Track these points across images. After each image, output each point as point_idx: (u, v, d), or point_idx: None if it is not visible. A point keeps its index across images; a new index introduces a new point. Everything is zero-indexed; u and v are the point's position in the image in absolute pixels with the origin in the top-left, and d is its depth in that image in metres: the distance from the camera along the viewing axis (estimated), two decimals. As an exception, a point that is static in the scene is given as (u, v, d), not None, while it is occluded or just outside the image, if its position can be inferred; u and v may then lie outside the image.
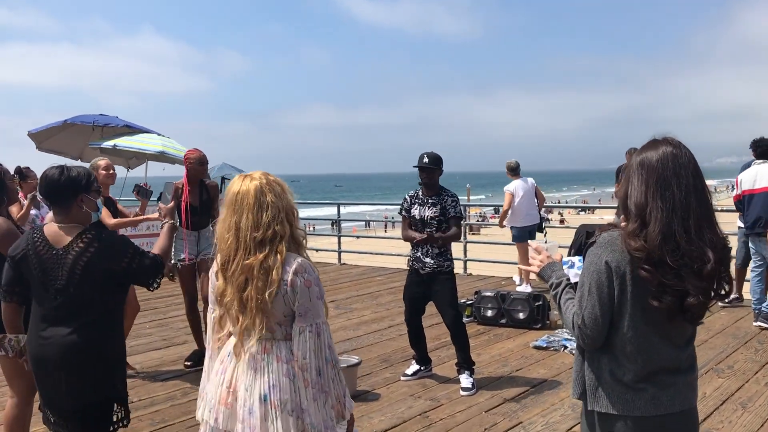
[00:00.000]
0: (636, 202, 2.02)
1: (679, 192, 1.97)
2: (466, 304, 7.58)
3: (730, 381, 5.36)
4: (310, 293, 2.36)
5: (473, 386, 5.24)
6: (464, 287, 9.48)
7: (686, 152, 2.04)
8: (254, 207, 2.36)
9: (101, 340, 2.74)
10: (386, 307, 8.42)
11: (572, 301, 2.14)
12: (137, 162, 12.86)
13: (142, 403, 5.09)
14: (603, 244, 2.06)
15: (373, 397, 5.15)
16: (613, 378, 2.09)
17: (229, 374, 2.44)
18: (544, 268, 2.32)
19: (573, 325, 2.10)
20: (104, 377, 2.77)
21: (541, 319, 7.18)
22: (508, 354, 6.29)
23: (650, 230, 1.95)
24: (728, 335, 6.70)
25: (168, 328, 7.30)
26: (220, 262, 2.42)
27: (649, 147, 2.08)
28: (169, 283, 8.85)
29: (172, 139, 12.10)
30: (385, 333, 7.12)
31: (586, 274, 2.07)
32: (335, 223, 14.44)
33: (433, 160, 5.35)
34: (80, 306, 2.71)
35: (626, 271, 2.01)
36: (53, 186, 2.78)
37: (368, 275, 11.07)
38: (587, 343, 2.09)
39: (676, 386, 2.09)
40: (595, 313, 2.05)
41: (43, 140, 12.62)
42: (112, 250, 2.74)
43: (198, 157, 6.00)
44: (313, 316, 2.36)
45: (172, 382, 5.60)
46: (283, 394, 2.34)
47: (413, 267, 5.45)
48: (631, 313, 2.04)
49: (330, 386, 2.38)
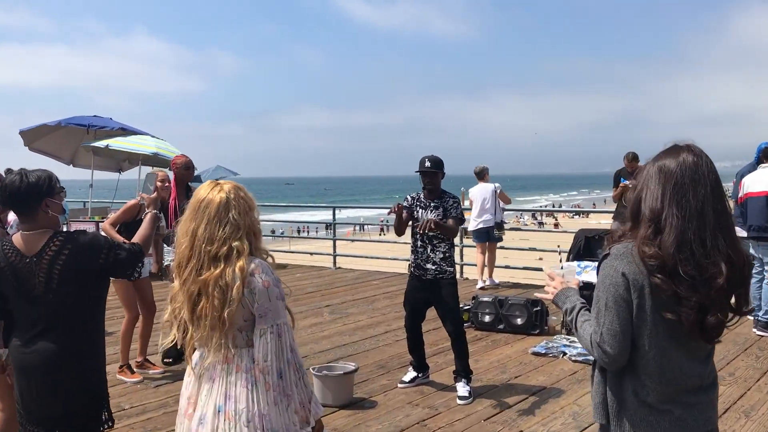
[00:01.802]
0: (651, 207, 1.94)
1: (696, 201, 1.89)
2: (463, 310, 7.48)
3: (732, 389, 5.29)
4: (269, 293, 2.30)
5: (470, 395, 5.15)
6: (461, 292, 9.37)
7: (707, 162, 1.96)
8: (213, 219, 2.31)
9: (85, 344, 2.68)
10: (382, 312, 8.33)
11: (589, 322, 2.03)
12: (129, 165, 12.75)
13: (134, 411, 4.98)
14: (618, 255, 1.96)
15: (369, 404, 5.05)
16: (637, 399, 1.99)
17: (192, 385, 2.40)
18: (558, 294, 2.22)
19: (592, 344, 1.98)
20: (91, 380, 2.71)
21: (539, 324, 7.10)
22: (507, 360, 6.20)
23: (665, 237, 1.88)
24: (728, 342, 6.64)
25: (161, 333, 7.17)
26: (176, 262, 2.38)
27: (669, 153, 2.00)
28: (161, 287, 8.76)
29: (166, 141, 12.00)
30: (381, 338, 7.02)
31: (602, 288, 1.97)
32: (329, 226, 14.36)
33: (435, 164, 5.29)
34: (61, 311, 2.64)
35: (644, 284, 1.92)
36: (15, 193, 2.68)
37: (364, 279, 10.97)
38: (609, 362, 1.97)
39: (701, 406, 2.01)
40: (614, 328, 1.94)
41: (34, 140, 12.49)
42: (87, 249, 2.67)
43: (184, 162, 6.23)
44: (273, 317, 2.29)
45: (165, 388, 5.49)
46: (239, 404, 2.27)
47: (414, 273, 5.36)
48: (651, 328, 1.93)
49: (293, 390, 2.31)
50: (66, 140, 12.69)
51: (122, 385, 5.55)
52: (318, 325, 7.71)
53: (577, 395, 5.19)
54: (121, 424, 4.70)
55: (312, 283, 10.57)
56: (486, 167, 10.16)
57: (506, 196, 10.27)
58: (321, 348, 6.63)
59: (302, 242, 24.11)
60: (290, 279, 10.89)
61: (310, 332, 7.31)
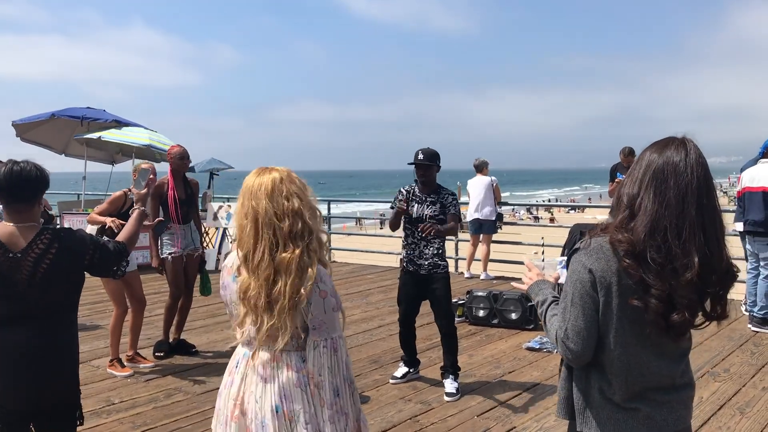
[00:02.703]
0: (628, 192, 1.90)
1: (677, 190, 1.82)
2: (457, 304, 7.45)
3: (726, 385, 5.26)
4: (324, 305, 2.19)
5: (458, 391, 5.10)
6: (455, 286, 9.37)
7: (696, 154, 1.88)
8: (273, 194, 2.17)
9: (61, 341, 2.64)
10: (376, 306, 8.28)
11: (556, 316, 1.99)
12: (122, 158, 12.67)
13: (124, 405, 4.92)
14: (588, 251, 1.91)
15: (362, 399, 4.97)
16: (603, 397, 1.94)
17: (236, 386, 2.29)
18: (532, 286, 2.18)
19: (557, 340, 1.95)
20: (66, 377, 2.67)
21: (533, 319, 7.06)
22: (501, 355, 6.16)
23: (638, 221, 1.83)
24: (723, 338, 6.60)
25: (152, 326, 7.10)
26: (242, 253, 2.21)
27: (659, 143, 1.94)
28: (153, 279, 8.70)
29: (159, 133, 11.92)
30: (375, 333, 6.98)
31: (569, 283, 1.93)
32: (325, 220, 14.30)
33: (429, 156, 5.17)
34: (44, 308, 2.58)
35: (612, 282, 1.86)
36: (27, 182, 2.57)
37: (359, 273, 10.93)
38: (572, 358, 1.94)
39: (671, 404, 1.95)
40: (578, 325, 1.90)
41: (27, 131, 12.41)
42: (74, 248, 2.62)
43: (179, 151, 6.19)
44: (328, 329, 2.19)
45: (155, 382, 5.43)
46: (296, 405, 2.17)
47: (407, 269, 5.29)
48: (617, 327, 1.89)
49: (349, 408, 2.22)
50: (58, 131, 12.61)
51: (112, 379, 5.50)
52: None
53: (571, 391, 5.14)
54: (111, 419, 4.65)
55: (306, 277, 10.50)
56: (486, 161, 10.32)
57: (499, 192, 10.40)
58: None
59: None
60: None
61: (303, 326, 7.26)
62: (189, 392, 5.18)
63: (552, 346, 6.24)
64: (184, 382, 5.42)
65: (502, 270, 10.62)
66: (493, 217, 10.10)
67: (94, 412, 4.75)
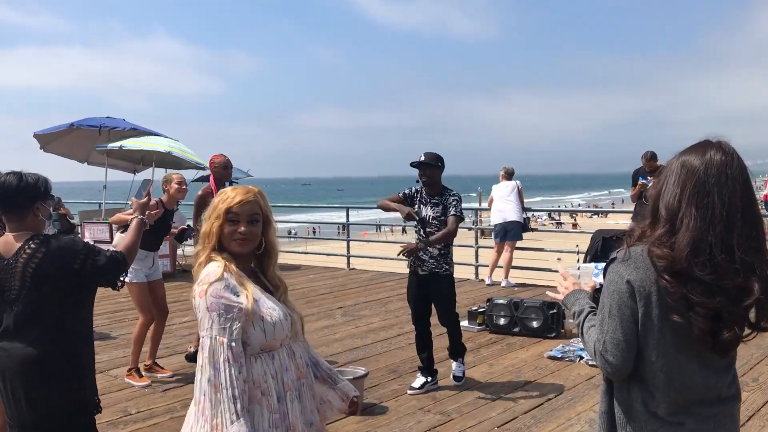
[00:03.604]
0: (667, 205, 1.79)
1: (721, 204, 1.73)
2: (478, 312, 7.36)
3: (755, 395, 5.11)
4: (201, 304, 2.15)
5: (463, 375, 5.47)
6: (476, 294, 9.28)
7: (738, 162, 1.78)
8: None
9: (59, 350, 2.60)
10: (395, 314, 8.21)
11: (594, 328, 1.91)
12: (143, 167, 12.75)
13: (141, 416, 4.89)
14: (624, 260, 1.83)
15: (380, 410, 4.93)
16: (647, 410, 1.85)
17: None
18: (568, 296, 2.09)
19: (595, 353, 1.88)
20: (66, 387, 2.61)
21: (555, 327, 6.94)
22: (522, 365, 6.05)
23: (679, 238, 1.73)
24: (751, 345, 6.43)
25: (171, 335, 7.10)
26: None
27: (695, 148, 1.83)
28: (172, 289, 8.70)
29: (179, 141, 11.98)
30: (393, 342, 6.90)
31: (606, 294, 1.85)
32: (345, 227, 14.27)
33: (431, 158, 5.28)
34: (36, 315, 2.58)
35: (651, 291, 1.78)
36: (12, 193, 2.68)
37: (377, 280, 10.86)
38: (612, 372, 1.85)
39: (717, 418, 1.86)
40: (617, 337, 1.82)
41: (49, 142, 12.56)
42: (61, 252, 2.61)
43: (222, 161, 6.38)
44: (200, 328, 2.16)
45: (173, 392, 5.40)
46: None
47: (412, 269, 5.42)
48: (658, 338, 1.80)
49: (208, 410, 2.09)
50: (79, 142, 12.73)
51: (130, 389, 5.48)
52: (330, 327, 7.60)
53: (594, 401, 5.03)
54: (127, 429, 4.62)
55: (325, 285, 10.47)
56: (512, 169, 10.34)
57: (523, 196, 10.25)
58: (332, 351, 6.51)
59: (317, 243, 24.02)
60: (303, 280, 10.81)
61: (321, 335, 7.21)
62: (206, 402, 5.13)
63: (575, 356, 6.13)
64: (202, 392, 5.37)
65: (524, 277, 10.50)
66: (521, 220, 9.99)
67: (111, 422, 4.73)
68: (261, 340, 2.19)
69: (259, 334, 2.18)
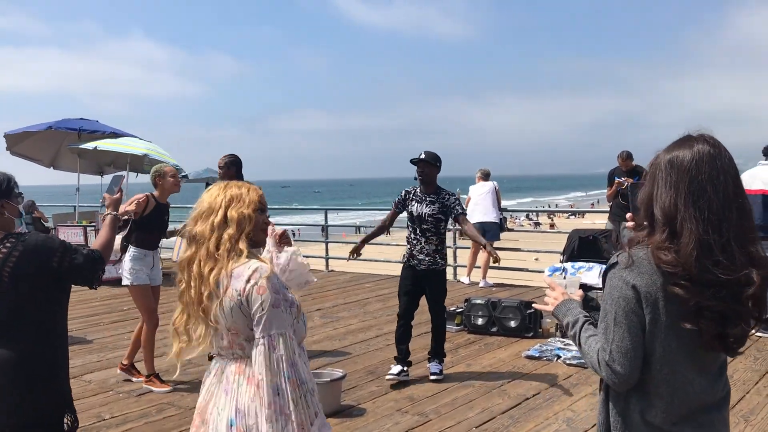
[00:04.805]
0: (664, 209, 1.72)
1: (717, 200, 1.68)
2: (456, 312, 7.35)
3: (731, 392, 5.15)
4: (262, 301, 2.16)
5: (441, 372, 5.53)
6: (454, 294, 9.27)
7: (726, 153, 1.74)
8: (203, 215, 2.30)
9: (37, 351, 2.53)
10: (374, 316, 8.18)
11: (595, 337, 1.82)
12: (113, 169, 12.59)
13: (115, 421, 4.81)
14: (628, 264, 1.75)
15: (358, 412, 4.90)
16: (643, 420, 1.79)
17: (202, 396, 2.32)
18: (559, 306, 1.99)
19: (599, 363, 1.78)
20: (44, 389, 2.54)
21: (533, 327, 6.96)
22: (500, 364, 6.05)
23: (683, 242, 1.67)
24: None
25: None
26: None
27: (680, 144, 1.77)
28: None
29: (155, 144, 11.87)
30: (372, 343, 6.87)
31: (609, 301, 1.77)
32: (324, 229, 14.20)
33: (431, 156, 5.46)
34: (12, 317, 2.50)
35: (658, 297, 1.71)
36: None
37: (356, 282, 10.83)
38: (619, 382, 1.77)
39: (713, 424, 1.81)
40: (625, 345, 1.74)
41: (17, 143, 12.29)
42: (38, 250, 2.54)
43: (223, 162, 6.09)
44: (267, 326, 2.15)
45: (147, 397, 5.32)
46: (249, 419, 2.13)
47: (408, 264, 5.53)
48: (665, 346, 1.74)
49: (290, 408, 2.12)
50: (48, 144, 12.51)
51: (103, 394, 5.39)
52: (308, 329, 7.53)
53: (572, 400, 5.04)
54: (100, 436, 4.55)
55: (304, 287, 10.40)
56: (489, 171, 10.51)
57: (500, 197, 10.35)
58: (310, 353, 6.41)
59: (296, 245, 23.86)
60: (282, 282, 10.74)
61: (299, 337, 7.16)
62: (181, 407, 5.07)
63: (552, 355, 6.14)
64: (176, 397, 5.31)
65: (502, 277, 10.53)
66: (498, 221, 10.08)
67: (84, 428, 4.64)
68: (301, 332, 2.29)
69: (301, 327, 2.28)
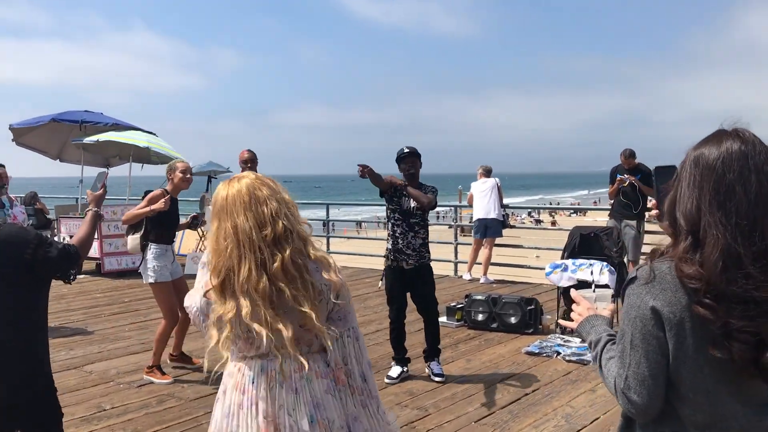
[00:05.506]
0: (686, 213, 1.52)
1: (747, 203, 1.47)
2: (456, 308, 7.37)
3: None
4: (348, 294, 2.24)
5: (443, 374, 5.48)
6: (455, 290, 9.29)
7: (761, 149, 1.51)
8: (251, 203, 2.10)
9: (11, 343, 2.49)
10: (375, 310, 8.20)
11: (614, 360, 1.63)
12: (119, 161, 12.60)
13: (115, 411, 4.84)
14: (647, 280, 1.54)
15: (357, 405, 4.92)
16: None
17: (264, 402, 2.14)
18: (583, 323, 1.80)
19: (616, 390, 1.60)
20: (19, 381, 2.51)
21: (533, 323, 6.97)
22: (500, 360, 6.07)
23: (707, 252, 1.47)
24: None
25: (148, 331, 7.03)
26: (220, 278, 2.09)
27: (709, 141, 1.57)
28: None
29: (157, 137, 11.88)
30: (372, 337, 6.88)
31: (626, 320, 1.57)
32: (324, 224, 14.22)
33: (415, 150, 5.51)
34: None
35: (684, 318, 1.50)
36: None
37: (357, 277, 10.84)
38: (636, 412, 1.58)
39: None
40: (642, 372, 1.54)
41: (23, 134, 12.33)
42: (11, 241, 2.50)
43: (242, 158, 6.30)
44: (351, 319, 2.23)
45: (147, 388, 5.34)
46: (329, 413, 2.15)
47: (394, 264, 5.48)
48: (695, 372, 1.52)
49: (376, 391, 2.27)
50: (54, 136, 12.53)
51: (104, 384, 5.41)
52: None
53: (571, 396, 5.06)
54: (101, 425, 4.57)
55: (304, 281, 10.42)
56: (490, 167, 10.44)
57: (502, 193, 10.31)
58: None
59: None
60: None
61: (300, 331, 7.18)
62: (182, 398, 5.09)
63: (552, 351, 6.15)
64: (177, 388, 5.33)
65: (503, 274, 10.54)
66: (500, 218, 10.06)
67: (85, 418, 4.67)
68: None
69: None
